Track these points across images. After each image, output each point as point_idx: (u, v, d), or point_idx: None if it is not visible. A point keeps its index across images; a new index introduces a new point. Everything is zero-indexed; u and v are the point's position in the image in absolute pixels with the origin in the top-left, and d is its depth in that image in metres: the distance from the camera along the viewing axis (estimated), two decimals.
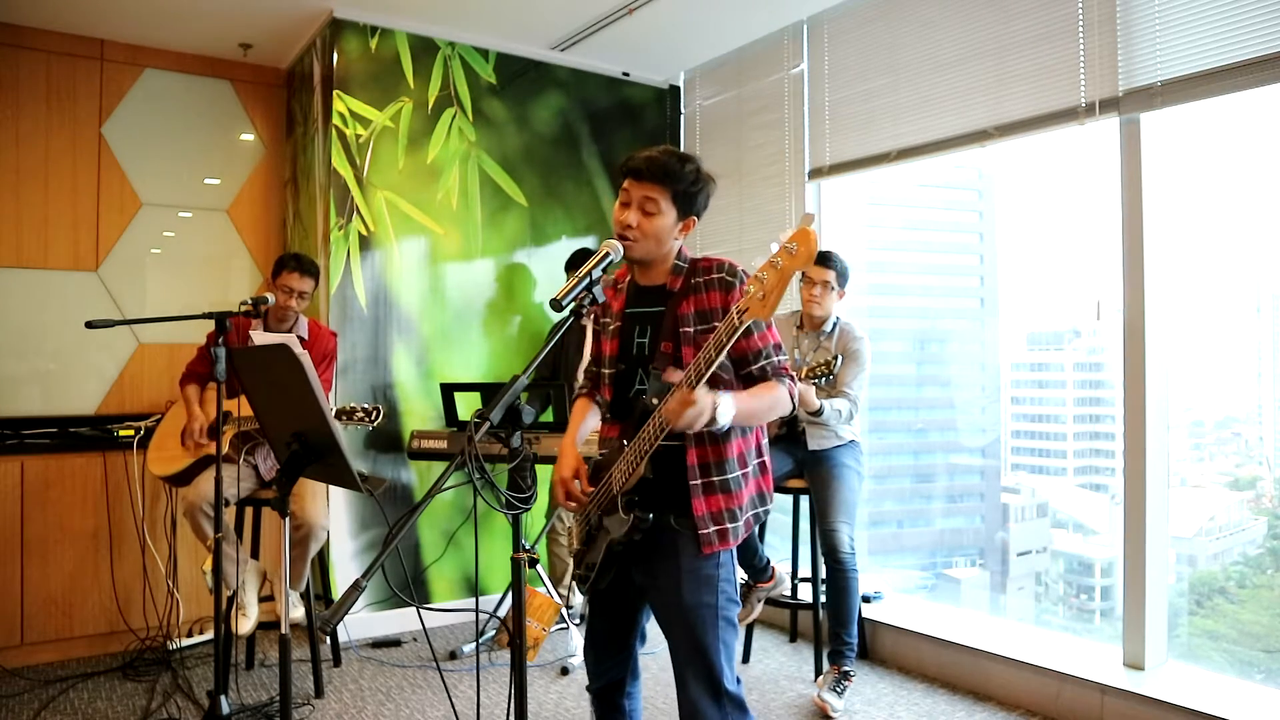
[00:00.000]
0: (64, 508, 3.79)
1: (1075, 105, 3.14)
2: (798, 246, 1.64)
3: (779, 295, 1.67)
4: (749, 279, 1.70)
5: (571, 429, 2.24)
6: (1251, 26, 2.69)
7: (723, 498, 1.99)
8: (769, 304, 1.67)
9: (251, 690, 3.42)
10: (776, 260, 1.66)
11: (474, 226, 4.43)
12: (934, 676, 3.53)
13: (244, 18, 4.06)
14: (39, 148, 4.10)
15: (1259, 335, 3.40)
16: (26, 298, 4.07)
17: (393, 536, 1.55)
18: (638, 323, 2.08)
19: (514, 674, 1.78)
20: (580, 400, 2.29)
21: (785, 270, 1.65)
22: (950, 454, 4.61)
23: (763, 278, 1.67)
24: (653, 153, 1.97)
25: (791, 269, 1.65)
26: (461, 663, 3.74)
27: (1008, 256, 4.44)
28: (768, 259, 1.67)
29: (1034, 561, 4.25)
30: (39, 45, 4.09)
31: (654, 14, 4.08)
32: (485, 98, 4.47)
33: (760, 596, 3.56)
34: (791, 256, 1.64)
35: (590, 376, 2.27)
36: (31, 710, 3.20)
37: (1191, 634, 3.30)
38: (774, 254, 1.66)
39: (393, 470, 4.19)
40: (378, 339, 4.16)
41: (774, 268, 1.66)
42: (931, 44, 3.66)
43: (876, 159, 3.87)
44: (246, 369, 2.33)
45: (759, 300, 1.68)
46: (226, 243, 4.57)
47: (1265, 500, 3.42)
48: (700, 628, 1.97)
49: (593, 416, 2.24)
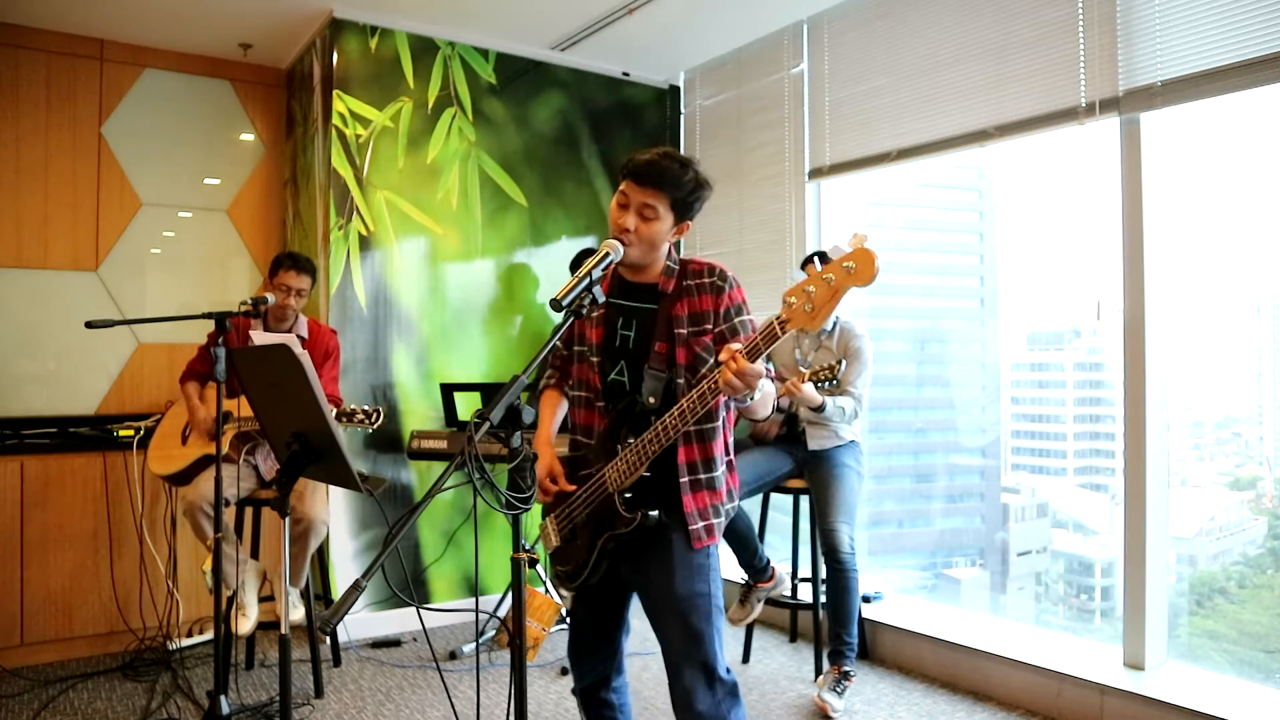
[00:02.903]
0: (64, 508, 3.79)
1: (1075, 105, 3.14)
2: (856, 266, 1.63)
3: (829, 312, 1.69)
4: (793, 289, 1.71)
5: (543, 427, 2.24)
6: (1251, 26, 2.69)
7: (709, 494, 2.06)
8: (817, 319, 1.70)
9: (251, 690, 3.42)
10: (829, 276, 1.66)
11: (474, 226, 4.43)
12: (934, 676, 3.53)
13: (244, 18, 4.06)
14: (39, 148, 4.10)
15: (1259, 335, 3.40)
16: (26, 298, 4.07)
17: (393, 536, 1.55)
18: (623, 315, 2.09)
19: (514, 674, 1.78)
20: (549, 392, 2.29)
21: (839, 288, 1.66)
22: (950, 454, 4.61)
23: (811, 291, 1.68)
24: (654, 157, 1.98)
25: (846, 287, 1.65)
26: (461, 663, 3.74)
27: (1008, 256, 4.44)
28: (816, 273, 1.67)
29: (1034, 561, 4.25)
30: (39, 45, 4.09)
31: (654, 14, 4.08)
32: (485, 98, 4.47)
33: (760, 596, 3.56)
34: (848, 275, 1.64)
35: (555, 366, 2.26)
36: (31, 710, 3.20)
37: (1191, 634, 3.29)
38: (823, 270, 1.66)
39: (393, 470, 4.19)
40: (378, 339, 4.16)
41: (826, 284, 1.66)
42: (931, 44, 3.66)
43: (876, 159, 3.87)
44: (246, 369, 2.33)
45: (806, 314, 1.70)
46: (226, 243, 4.57)
47: (1265, 500, 3.42)
48: (695, 615, 2.01)
49: (561, 408, 2.26)
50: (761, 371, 1.78)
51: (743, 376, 1.75)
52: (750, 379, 1.76)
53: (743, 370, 1.74)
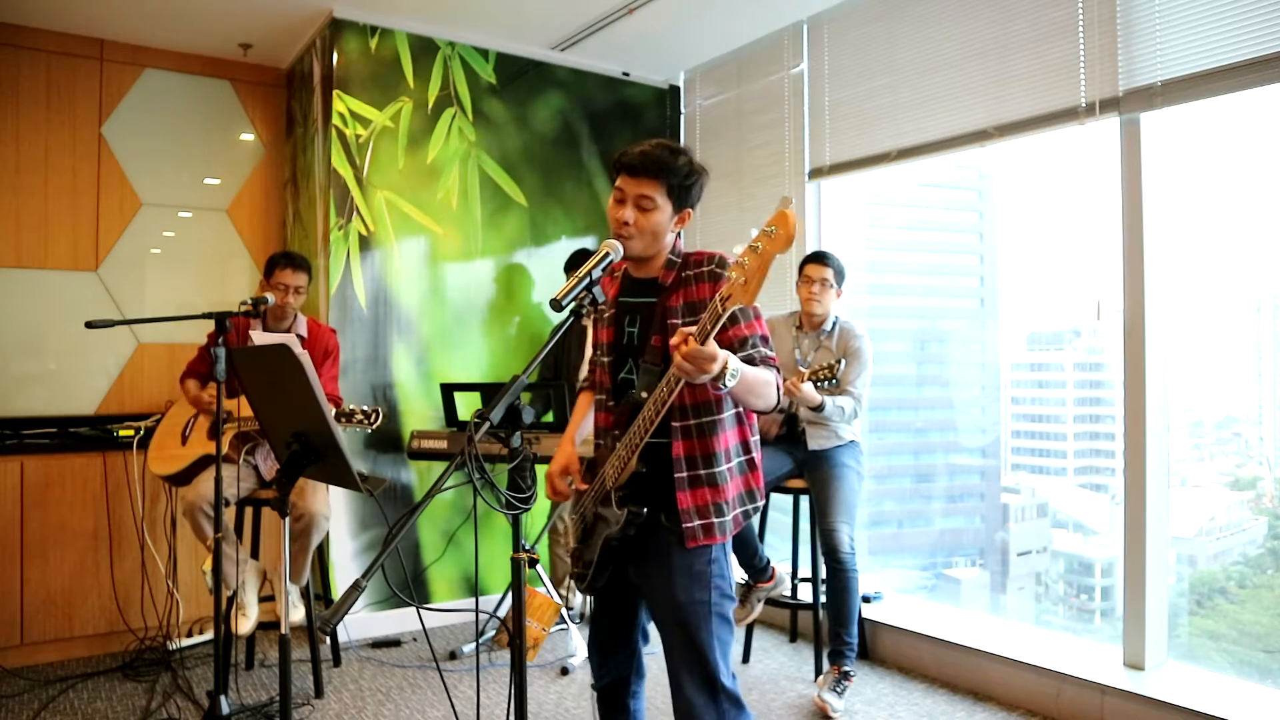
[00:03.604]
0: (64, 508, 3.79)
1: (1075, 105, 3.14)
2: (776, 229, 1.63)
3: (760, 279, 1.65)
4: (731, 265, 1.68)
5: (572, 425, 2.25)
6: (1251, 26, 2.69)
7: (709, 491, 1.97)
8: (750, 289, 1.66)
9: (251, 690, 3.42)
10: (756, 245, 1.64)
11: (474, 226, 4.43)
12: (934, 676, 3.53)
13: (244, 18, 4.06)
14: (39, 147, 4.10)
15: (1259, 335, 3.40)
16: (26, 298, 4.07)
17: (393, 536, 1.55)
18: (628, 312, 2.09)
19: (514, 674, 1.78)
20: (584, 395, 2.30)
21: (765, 254, 1.64)
22: (950, 454, 4.61)
23: (744, 263, 1.66)
24: (645, 147, 1.96)
25: (772, 252, 1.64)
26: (461, 663, 3.74)
27: (1008, 256, 4.44)
28: (747, 245, 1.66)
29: (1034, 561, 4.25)
30: (39, 45, 4.09)
31: (654, 14, 4.08)
32: (485, 98, 4.47)
33: (760, 596, 3.56)
34: (771, 239, 1.63)
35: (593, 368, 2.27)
36: (31, 710, 3.20)
37: (1191, 634, 3.29)
38: (753, 239, 1.65)
39: (393, 470, 4.19)
40: (377, 339, 4.16)
41: (754, 252, 1.65)
42: (931, 44, 3.66)
43: (876, 159, 3.87)
44: (246, 369, 2.33)
45: (741, 285, 1.66)
46: (226, 243, 4.57)
47: (1265, 500, 3.42)
48: (694, 624, 1.95)
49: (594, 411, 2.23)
50: (714, 354, 1.70)
51: (694, 359, 1.68)
52: (702, 362, 1.69)
53: (693, 353, 1.68)
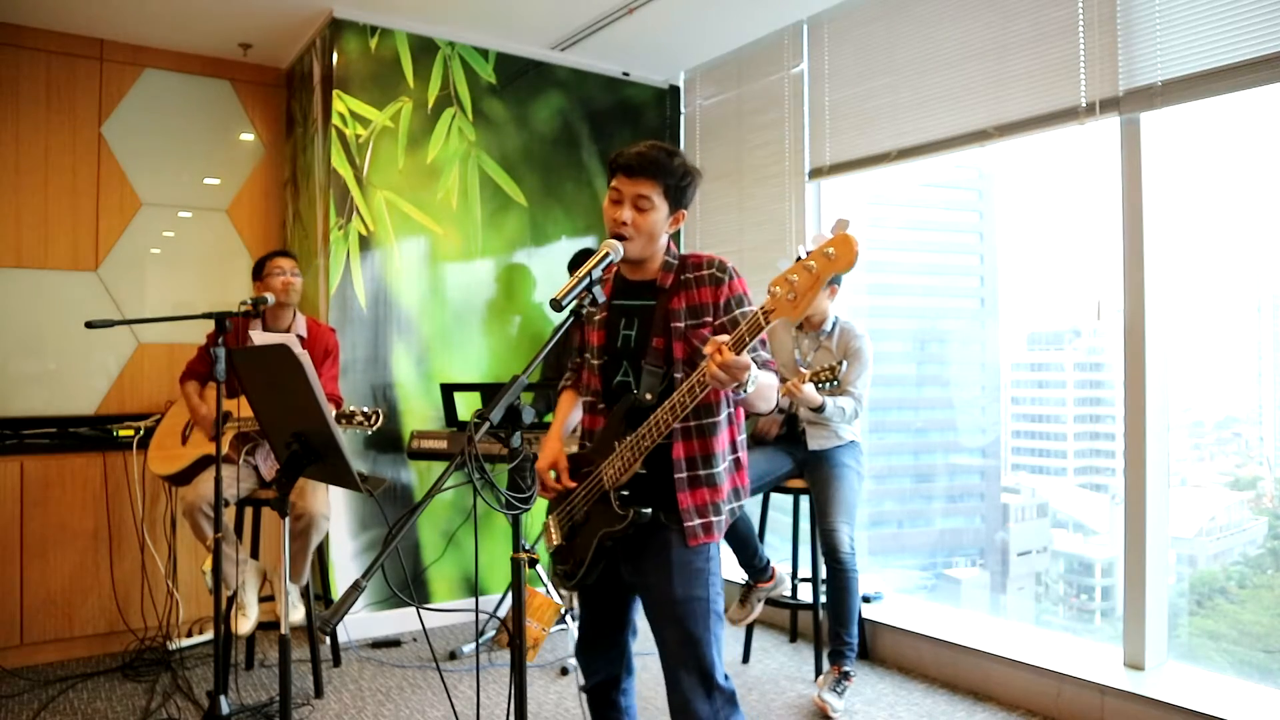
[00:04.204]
0: (64, 508, 3.79)
1: (1075, 105, 3.14)
2: (836, 252, 1.61)
3: (811, 299, 1.66)
4: (777, 279, 1.69)
5: (556, 422, 2.25)
6: (1251, 26, 2.69)
7: (708, 491, 2.02)
8: (800, 307, 1.66)
9: (251, 690, 3.42)
10: (811, 264, 1.63)
11: (474, 226, 4.43)
12: (934, 677, 3.53)
13: (244, 18, 4.06)
14: (39, 147, 4.10)
15: (1259, 335, 3.40)
16: (26, 298, 4.07)
17: (393, 536, 1.55)
18: (624, 315, 2.09)
19: (514, 674, 1.78)
20: (566, 392, 2.30)
21: (820, 274, 1.63)
22: (950, 454, 4.61)
23: (794, 280, 1.65)
24: (641, 148, 1.98)
25: (828, 274, 1.63)
26: (461, 663, 3.74)
27: (1008, 256, 4.44)
28: (799, 261, 1.65)
29: (1034, 561, 4.25)
30: (39, 45, 4.09)
31: (654, 14, 4.08)
32: (485, 98, 4.47)
33: (760, 596, 3.56)
34: (829, 261, 1.62)
35: (574, 367, 2.27)
36: (31, 710, 3.20)
37: (1191, 634, 3.29)
38: (807, 257, 1.64)
39: (393, 470, 4.19)
40: (378, 339, 4.16)
41: (808, 271, 1.63)
42: (931, 44, 3.66)
43: (876, 159, 3.87)
44: (246, 369, 2.33)
45: (789, 302, 1.67)
46: (226, 243, 4.57)
47: (1265, 500, 3.42)
48: (692, 621, 1.98)
49: (577, 410, 2.25)
50: (747, 364, 1.74)
51: (728, 369, 1.72)
52: (736, 371, 1.73)
53: (728, 363, 1.71)
